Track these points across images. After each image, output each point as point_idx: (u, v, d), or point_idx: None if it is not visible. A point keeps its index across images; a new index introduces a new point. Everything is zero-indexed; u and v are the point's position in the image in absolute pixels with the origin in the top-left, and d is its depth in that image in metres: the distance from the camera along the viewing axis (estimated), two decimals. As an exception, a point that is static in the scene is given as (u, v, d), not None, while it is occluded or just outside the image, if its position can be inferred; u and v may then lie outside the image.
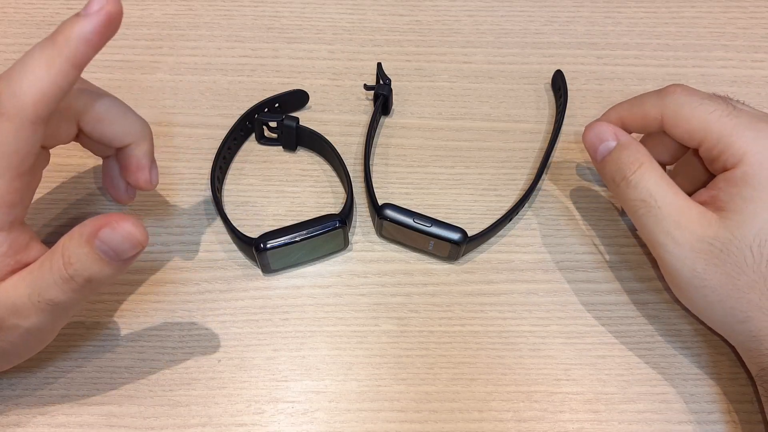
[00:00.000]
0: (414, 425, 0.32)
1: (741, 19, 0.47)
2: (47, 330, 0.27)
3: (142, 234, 0.25)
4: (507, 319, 0.35)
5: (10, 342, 0.26)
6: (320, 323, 0.34)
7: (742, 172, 0.29)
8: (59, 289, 0.25)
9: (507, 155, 0.41)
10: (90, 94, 0.30)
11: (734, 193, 0.29)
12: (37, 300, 0.25)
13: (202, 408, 0.32)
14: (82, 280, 0.25)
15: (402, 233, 0.35)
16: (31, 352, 0.29)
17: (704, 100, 0.31)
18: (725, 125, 0.30)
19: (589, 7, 0.48)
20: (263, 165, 0.40)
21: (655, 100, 0.32)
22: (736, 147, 0.29)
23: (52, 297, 0.25)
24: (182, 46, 0.44)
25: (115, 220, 0.24)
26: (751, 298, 0.29)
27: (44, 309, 0.25)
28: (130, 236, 0.24)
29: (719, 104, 0.31)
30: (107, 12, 0.24)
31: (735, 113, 0.30)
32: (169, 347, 0.33)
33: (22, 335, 0.26)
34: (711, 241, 0.29)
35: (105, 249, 0.24)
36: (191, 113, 0.41)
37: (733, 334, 0.31)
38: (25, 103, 0.24)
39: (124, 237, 0.24)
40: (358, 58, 0.44)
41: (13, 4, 0.46)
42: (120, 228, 0.24)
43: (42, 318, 0.26)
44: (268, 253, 0.34)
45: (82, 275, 0.25)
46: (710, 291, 0.30)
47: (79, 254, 0.24)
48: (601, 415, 0.32)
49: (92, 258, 0.24)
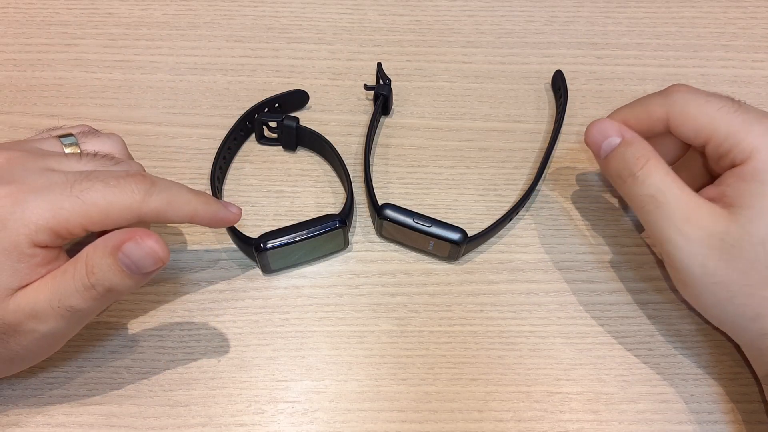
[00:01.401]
0: (414, 425, 0.32)
1: (741, 19, 0.47)
2: (61, 335, 0.28)
3: (163, 251, 0.26)
4: (507, 319, 0.35)
5: (24, 346, 0.27)
6: (320, 323, 0.34)
7: (752, 167, 0.29)
8: (80, 296, 0.26)
9: (507, 155, 0.41)
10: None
11: (744, 188, 0.29)
12: (57, 306, 0.26)
13: (202, 408, 0.32)
14: (103, 289, 0.26)
15: (402, 233, 0.35)
16: (39, 358, 0.29)
17: (710, 97, 0.31)
18: (733, 121, 0.30)
19: (589, 7, 0.48)
20: (263, 165, 0.40)
21: (659, 100, 0.32)
22: (746, 143, 0.29)
23: (72, 304, 0.26)
24: (182, 46, 0.44)
25: (140, 235, 0.25)
26: (764, 295, 0.28)
27: (63, 315, 0.26)
28: (152, 252, 0.25)
29: (725, 101, 0.31)
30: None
31: (742, 110, 0.30)
32: (169, 347, 0.33)
33: (37, 339, 0.27)
34: (722, 237, 0.29)
35: (127, 262, 0.25)
36: (191, 113, 0.41)
37: (742, 332, 0.31)
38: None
39: (146, 252, 0.25)
40: (358, 58, 0.44)
41: (13, 4, 0.46)
42: (144, 243, 0.25)
43: (60, 324, 0.26)
44: (268, 253, 0.33)
45: (103, 285, 0.26)
46: (721, 288, 0.29)
47: (101, 264, 0.25)
48: (601, 415, 0.32)
49: (114, 269, 0.25)
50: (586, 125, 0.33)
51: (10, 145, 0.29)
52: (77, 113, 0.41)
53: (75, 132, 0.31)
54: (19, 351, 0.27)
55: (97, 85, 0.42)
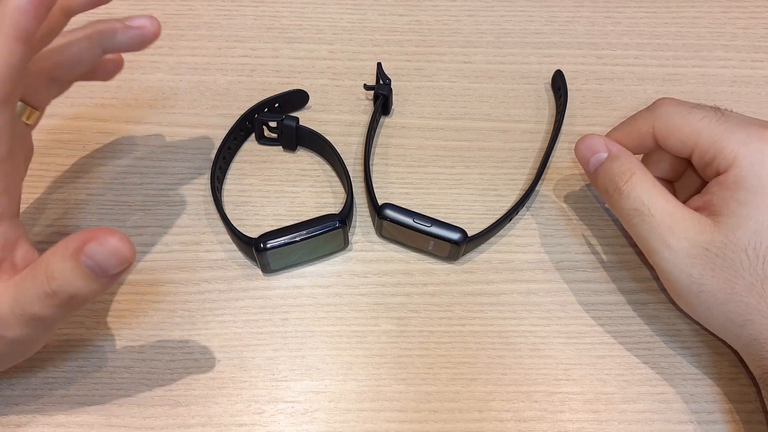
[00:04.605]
0: (414, 425, 0.32)
1: (741, 19, 0.47)
2: (30, 342, 0.27)
3: (129, 250, 0.23)
4: (507, 319, 0.35)
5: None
6: (320, 323, 0.34)
7: (734, 175, 0.29)
8: (42, 303, 0.24)
9: (507, 155, 0.41)
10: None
11: (727, 196, 0.29)
12: (20, 313, 0.24)
13: (202, 408, 0.32)
14: (66, 295, 0.24)
15: (402, 233, 0.35)
16: (15, 361, 0.29)
17: (693, 108, 0.31)
18: (716, 130, 0.30)
19: (589, 7, 0.48)
20: (263, 165, 0.40)
21: (646, 115, 0.33)
22: (728, 150, 0.30)
23: (34, 311, 0.24)
24: (182, 46, 0.44)
25: (102, 234, 0.23)
26: (749, 301, 0.29)
27: (27, 323, 0.25)
28: (116, 251, 0.23)
29: (708, 111, 0.31)
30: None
31: (725, 118, 0.30)
32: (169, 347, 0.33)
33: (6, 345, 0.26)
34: (706, 246, 0.29)
35: (90, 264, 0.23)
36: (191, 113, 0.41)
37: (734, 339, 0.31)
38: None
39: (110, 252, 0.23)
40: (358, 58, 0.44)
41: (13, 4, 0.46)
42: (107, 243, 0.23)
43: (26, 331, 0.25)
44: (268, 253, 0.34)
45: (65, 291, 0.24)
46: (708, 296, 0.30)
47: (63, 269, 0.23)
48: (601, 415, 0.32)
49: (76, 273, 0.23)
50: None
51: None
52: (77, 113, 0.41)
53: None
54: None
55: (97, 85, 0.42)
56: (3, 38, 0.23)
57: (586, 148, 0.34)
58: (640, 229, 0.31)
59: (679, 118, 0.31)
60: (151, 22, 0.30)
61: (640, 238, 0.31)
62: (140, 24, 0.30)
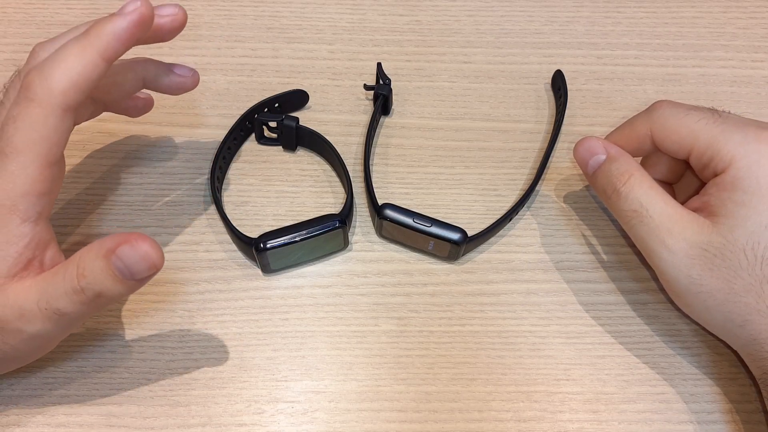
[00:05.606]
0: (414, 425, 0.32)
1: (741, 19, 0.47)
2: (49, 338, 0.27)
3: (158, 257, 0.25)
4: (507, 319, 0.35)
5: (11, 346, 0.26)
6: (320, 323, 0.34)
7: (731, 176, 0.29)
8: (68, 299, 0.25)
9: (507, 155, 0.41)
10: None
11: (725, 197, 0.30)
12: (45, 307, 0.25)
13: (202, 408, 0.32)
14: (93, 293, 0.25)
15: (402, 233, 0.35)
16: (31, 359, 0.29)
17: (690, 110, 0.31)
18: (712, 131, 0.30)
19: (589, 7, 0.48)
20: (263, 165, 0.40)
21: (643, 117, 0.33)
22: (725, 151, 0.30)
23: (60, 306, 0.25)
24: (182, 46, 0.44)
25: (135, 239, 0.24)
26: (748, 301, 0.29)
27: (50, 317, 0.25)
28: (147, 256, 0.24)
29: (704, 113, 0.31)
30: (140, 13, 0.26)
31: (721, 119, 0.31)
32: (169, 347, 0.33)
33: (24, 340, 0.26)
34: (705, 247, 0.29)
35: (120, 266, 0.24)
36: (191, 113, 0.41)
37: (733, 339, 0.31)
38: (56, 90, 0.25)
39: (141, 256, 0.24)
40: (358, 58, 0.44)
41: (13, 4, 0.46)
42: (139, 247, 0.24)
43: (47, 326, 0.26)
44: (268, 253, 0.34)
45: (93, 289, 0.25)
46: (708, 296, 0.30)
47: (93, 267, 0.25)
48: (601, 415, 0.32)
49: (106, 273, 0.25)
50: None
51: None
52: (77, 113, 0.41)
53: None
54: (7, 351, 0.27)
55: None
56: (93, 53, 0.25)
57: (584, 150, 0.34)
58: (639, 231, 0.31)
59: (676, 120, 0.31)
60: (193, 74, 0.33)
61: (638, 239, 0.32)
62: (184, 73, 0.33)
